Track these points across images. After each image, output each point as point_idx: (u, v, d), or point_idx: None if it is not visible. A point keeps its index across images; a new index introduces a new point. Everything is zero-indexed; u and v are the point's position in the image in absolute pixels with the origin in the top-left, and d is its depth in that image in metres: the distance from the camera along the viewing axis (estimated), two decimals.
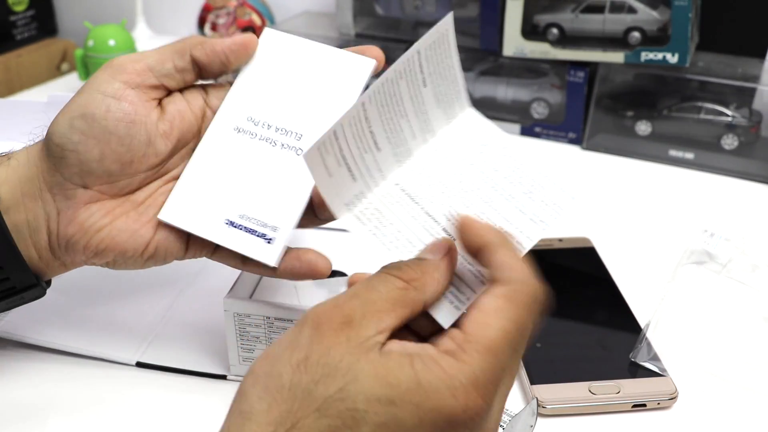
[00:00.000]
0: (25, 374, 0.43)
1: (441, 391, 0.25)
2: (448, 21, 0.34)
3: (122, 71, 0.37)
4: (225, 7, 0.85)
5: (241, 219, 0.37)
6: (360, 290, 0.28)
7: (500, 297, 0.27)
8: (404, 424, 0.25)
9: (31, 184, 0.37)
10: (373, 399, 0.25)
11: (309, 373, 0.26)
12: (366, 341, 0.26)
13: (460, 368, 0.26)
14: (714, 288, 0.51)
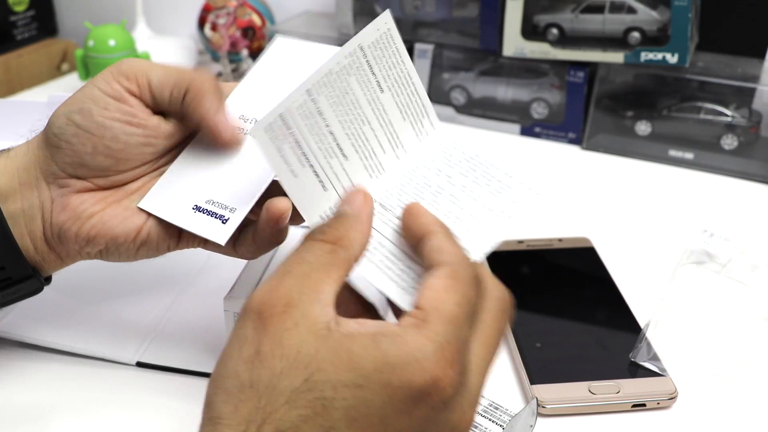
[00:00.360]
0: (25, 374, 0.43)
1: (409, 365, 0.25)
2: (386, 17, 0.34)
3: (126, 77, 0.37)
4: (225, 7, 0.85)
5: (207, 204, 0.38)
6: (291, 265, 0.28)
7: (445, 277, 0.28)
8: (374, 404, 0.25)
9: (28, 173, 0.37)
10: (339, 385, 0.25)
11: (267, 367, 0.25)
12: (316, 325, 0.26)
13: (426, 340, 0.26)
14: (714, 288, 0.51)
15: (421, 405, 0.26)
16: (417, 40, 0.81)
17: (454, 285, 0.28)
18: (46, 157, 0.37)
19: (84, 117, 0.36)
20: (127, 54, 0.81)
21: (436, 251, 0.29)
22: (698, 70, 0.72)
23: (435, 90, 0.82)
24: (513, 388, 0.43)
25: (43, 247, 0.38)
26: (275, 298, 0.27)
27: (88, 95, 0.37)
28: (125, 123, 0.37)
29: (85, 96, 0.37)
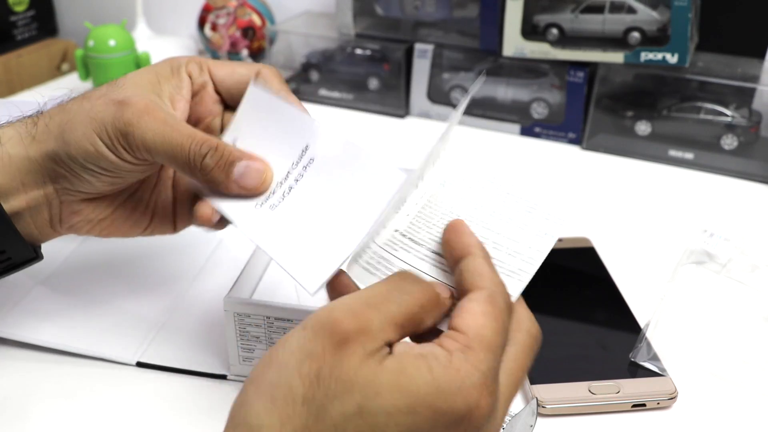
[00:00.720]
0: (25, 374, 0.43)
1: (455, 393, 0.26)
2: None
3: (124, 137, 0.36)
4: (225, 7, 0.85)
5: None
6: (377, 300, 0.28)
7: (483, 302, 0.29)
8: (421, 428, 0.25)
9: (33, 177, 0.37)
10: (394, 411, 0.25)
11: (322, 387, 0.25)
12: (376, 351, 0.26)
13: (472, 368, 0.26)
14: (714, 288, 0.51)
15: (459, 428, 0.26)
16: (417, 40, 0.81)
17: (493, 312, 0.28)
18: (57, 173, 0.37)
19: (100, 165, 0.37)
20: (127, 54, 0.81)
21: (475, 274, 0.30)
22: (698, 70, 0.72)
23: (435, 90, 0.82)
24: None
25: (48, 230, 0.39)
26: (353, 324, 0.26)
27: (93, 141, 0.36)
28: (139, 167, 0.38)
29: (89, 141, 0.36)
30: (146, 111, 0.35)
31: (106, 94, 0.37)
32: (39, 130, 0.37)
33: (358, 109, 0.85)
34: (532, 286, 0.52)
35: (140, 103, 0.35)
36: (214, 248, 0.55)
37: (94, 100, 0.36)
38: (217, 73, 0.40)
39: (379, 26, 0.83)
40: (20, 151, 0.37)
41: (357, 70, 0.84)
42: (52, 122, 0.37)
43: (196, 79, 0.40)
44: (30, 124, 0.38)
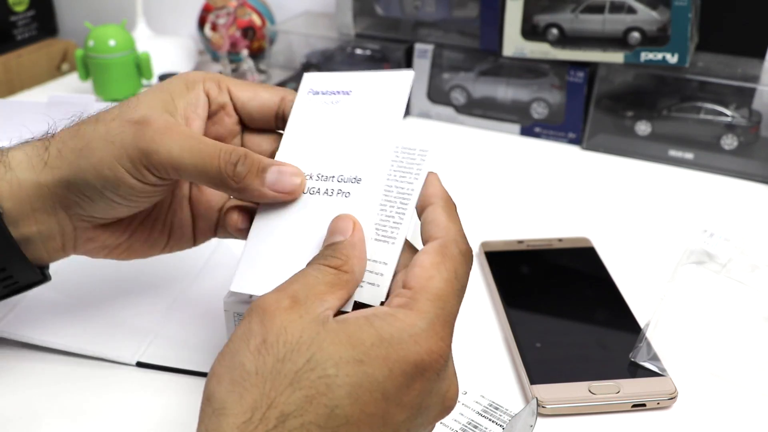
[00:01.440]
0: (25, 374, 0.43)
1: (404, 341, 0.27)
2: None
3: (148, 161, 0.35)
4: (225, 7, 0.85)
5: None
6: (297, 277, 0.29)
7: (433, 253, 0.30)
8: (376, 378, 0.26)
9: (43, 202, 0.36)
10: (341, 362, 0.26)
11: (271, 354, 0.26)
12: (318, 316, 0.28)
13: (417, 317, 0.28)
14: (714, 288, 0.51)
15: (418, 379, 0.27)
16: (417, 40, 0.81)
17: (443, 261, 0.30)
18: (69, 200, 0.36)
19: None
20: (127, 54, 0.81)
21: (432, 225, 0.32)
22: (698, 70, 0.72)
23: (435, 90, 0.82)
24: (513, 388, 0.43)
25: (59, 254, 0.39)
26: (281, 297, 0.28)
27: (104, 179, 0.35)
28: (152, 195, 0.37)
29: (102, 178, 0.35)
30: (167, 128, 0.34)
31: (120, 116, 0.35)
32: (51, 155, 0.36)
33: None
34: (533, 286, 0.52)
35: (159, 121, 0.34)
36: (214, 248, 0.55)
37: (108, 123, 0.35)
38: (238, 95, 0.38)
39: (379, 26, 0.83)
40: (30, 177, 0.35)
41: (357, 70, 0.84)
42: (65, 148, 0.35)
43: (215, 98, 0.38)
44: (41, 149, 0.36)
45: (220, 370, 0.27)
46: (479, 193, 0.67)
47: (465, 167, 0.72)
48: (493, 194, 0.67)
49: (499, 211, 0.64)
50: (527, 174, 0.71)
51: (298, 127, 0.38)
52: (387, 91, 0.37)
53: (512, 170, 0.72)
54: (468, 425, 0.40)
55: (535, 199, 0.66)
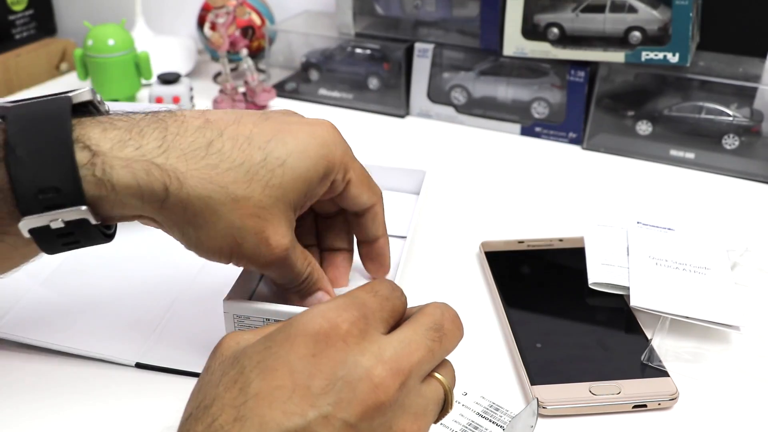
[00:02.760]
0: (25, 374, 0.43)
1: (306, 317, 0.28)
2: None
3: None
4: (224, 6, 0.85)
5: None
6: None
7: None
8: (279, 355, 0.27)
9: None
10: (253, 351, 0.28)
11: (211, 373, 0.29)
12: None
13: (325, 304, 0.29)
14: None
15: (320, 344, 0.27)
16: (417, 39, 0.81)
17: (352, 292, 0.30)
18: (160, 223, 0.37)
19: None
20: (127, 53, 0.81)
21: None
22: (699, 70, 0.72)
23: (435, 90, 0.82)
24: (513, 388, 0.43)
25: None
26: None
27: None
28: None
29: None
30: (284, 260, 0.37)
31: (257, 204, 0.35)
32: (170, 202, 0.34)
33: (358, 109, 0.85)
34: (533, 286, 0.52)
35: (282, 251, 0.36)
36: None
37: (240, 206, 0.34)
38: (350, 191, 0.40)
39: (379, 26, 0.83)
40: (137, 204, 0.34)
41: (357, 70, 0.84)
42: (190, 203, 0.34)
43: (335, 188, 0.39)
44: (158, 183, 0.33)
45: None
46: (479, 193, 0.67)
47: (465, 167, 0.72)
48: (493, 194, 0.67)
49: (499, 211, 0.64)
50: (527, 174, 0.71)
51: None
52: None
53: (512, 170, 0.72)
54: (468, 426, 0.40)
55: (536, 199, 0.66)
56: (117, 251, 0.54)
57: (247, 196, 0.34)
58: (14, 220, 0.33)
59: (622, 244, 0.53)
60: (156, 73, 0.84)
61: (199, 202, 0.33)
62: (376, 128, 0.81)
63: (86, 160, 0.32)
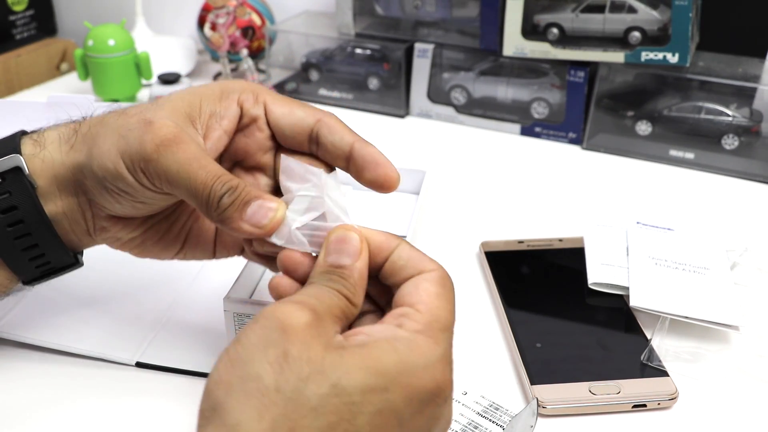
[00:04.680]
0: (25, 374, 0.43)
1: (422, 370, 0.27)
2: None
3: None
4: (225, 6, 0.85)
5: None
6: (312, 292, 0.30)
7: (436, 282, 0.31)
8: (397, 406, 0.26)
9: (67, 184, 0.37)
10: (367, 390, 0.26)
11: (294, 371, 0.25)
12: (333, 339, 0.28)
13: (434, 346, 0.28)
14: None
15: (431, 404, 0.28)
16: (417, 40, 0.81)
17: (445, 294, 0.31)
18: (84, 185, 0.36)
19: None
20: (127, 53, 0.81)
21: (415, 259, 0.32)
22: (699, 70, 0.72)
23: (435, 90, 0.82)
24: (513, 388, 0.43)
25: (87, 239, 0.39)
26: (303, 311, 0.28)
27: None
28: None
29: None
30: (174, 141, 0.33)
31: (142, 111, 0.35)
32: (77, 138, 0.36)
33: (358, 109, 0.85)
34: (533, 286, 0.52)
35: (168, 130, 0.34)
36: None
37: (128, 116, 0.35)
38: (273, 110, 0.37)
39: (379, 26, 0.83)
40: (58, 157, 0.36)
41: (357, 70, 0.84)
42: (89, 133, 0.36)
43: (248, 110, 0.37)
44: (71, 131, 0.37)
45: (229, 379, 0.26)
46: (479, 193, 0.67)
47: (465, 167, 0.72)
48: (493, 194, 0.67)
49: (499, 211, 0.64)
50: (527, 174, 0.71)
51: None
52: None
53: (512, 170, 0.72)
54: (468, 426, 0.40)
55: (536, 199, 0.66)
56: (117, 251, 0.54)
57: (133, 108, 0.36)
58: None
59: (622, 244, 0.53)
60: (156, 74, 0.84)
61: (95, 126, 0.36)
62: (376, 128, 0.81)
63: (29, 135, 0.38)
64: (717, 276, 0.49)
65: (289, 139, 0.37)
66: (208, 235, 0.41)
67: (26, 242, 0.37)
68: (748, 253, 0.55)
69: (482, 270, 0.54)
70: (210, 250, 0.41)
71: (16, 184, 0.36)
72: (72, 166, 0.36)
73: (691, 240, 0.53)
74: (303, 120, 0.37)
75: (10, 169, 0.36)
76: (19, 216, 0.36)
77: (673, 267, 0.50)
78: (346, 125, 0.37)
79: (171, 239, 0.40)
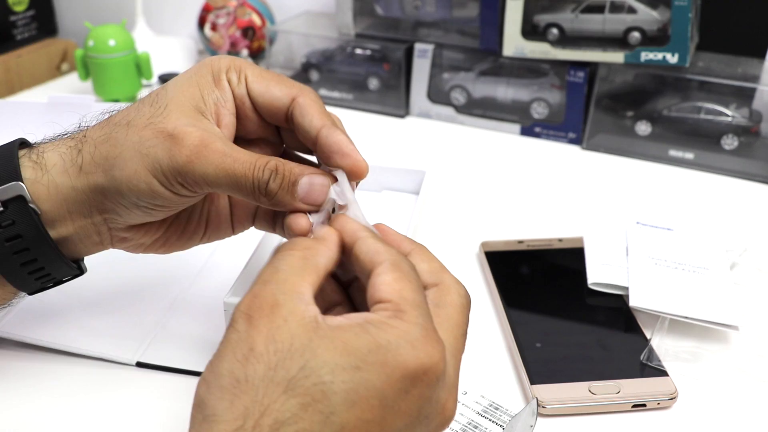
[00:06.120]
0: (25, 374, 0.43)
1: (401, 346, 0.26)
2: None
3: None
4: (225, 7, 0.85)
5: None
6: (267, 275, 0.29)
7: (390, 271, 0.29)
8: (373, 385, 0.26)
9: (80, 206, 0.36)
10: (337, 369, 0.26)
11: (262, 362, 0.26)
12: (304, 319, 0.27)
13: (409, 325, 0.27)
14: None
15: (417, 384, 0.27)
16: (417, 40, 0.81)
17: (402, 276, 0.29)
18: (105, 206, 0.36)
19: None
20: (127, 54, 0.81)
21: (369, 253, 0.31)
22: (698, 70, 0.72)
23: (435, 90, 0.82)
24: (513, 388, 0.43)
25: (96, 249, 0.39)
26: (261, 302, 0.27)
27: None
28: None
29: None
30: (202, 145, 0.33)
31: (152, 123, 0.34)
32: (84, 160, 0.35)
33: (358, 109, 0.85)
34: (533, 286, 0.52)
35: (194, 137, 0.34)
36: (214, 249, 0.55)
37: (140, 131, 0.34)
38: (252, 88, 0.37)
39: (379, 26, 0.83)
40: (66, 181, 0.35)
41: (357, 70, 0.84)
42: (97, 153, 0.35)
43: (236, 91, 0.37)
44: (74, 151, 0.36)
45: (208, 377, 0.27)
46: (479, 193, 0.67)
47: (465, 167, 0.72)
48: (493, 194, 0.67)
49: (499, 211, 0.64)
50: (527, 174, 0.71)
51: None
52: None
53: (512, 170, 0.72)
54: (468, 425, 0.40)
55: (535, 199, 0.66)
56: (117, 251, 0.54)
57: (137, 117, 0.35)
58: None
59: (622, 244, 0.53)
60: (156, 74, 0.84)
61: (102, 145, 0.35)
62: (376, 128, 0.81)
63: (24, 154, 0.36)
64: (716, 276, 0.49)
65: (268, 117, 0.38)
66: (225, 214, 0.41)
67: (25, 257, 0.36)
68: (747, 253, 0.55)
69: (482, 270, 0.54)
70: (229, 227, 0.41)
71: (19, 212, 0.35)
72: (86, 190, 0.35)
73: (691, 240, 0.53)
74: (279, 100, 0.37)
75: (12, 198, 0.35)
76: (24, 245, 0.35)
77: (673, 267, 0.50)
78: (319, 106, 0.37)
79: (192, 229, 0.40)
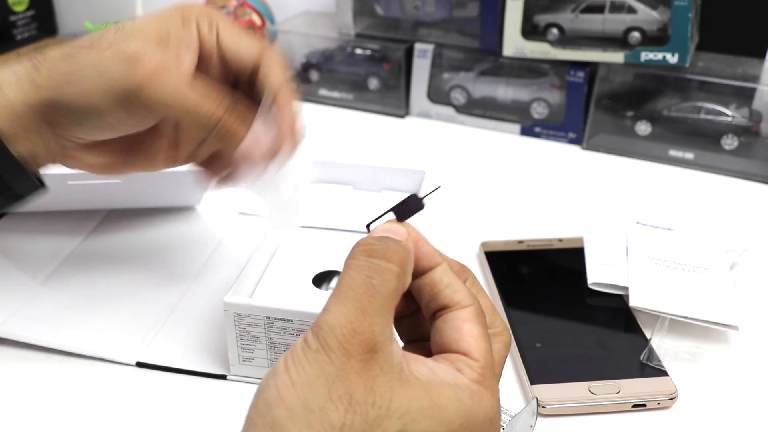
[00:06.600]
0: (25, 374, 0.43)
1: (485, 423, 0.28)
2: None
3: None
4: (225, 6, 0.85)
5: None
6: (365, 300, 0.27)
7: (475, 322, 0.30)
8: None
9: (34, 123, 0.36)
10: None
11: (359, 413, 0.25)
12: (394, 368, 0.27)
13: (492, 398, 0.29)
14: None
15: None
16: (417, 40, 0.81)
17: (485, 332, 0.30)
18: (57, 121, 0.36)
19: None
20: None
21: (451, 288, 0.30)
22: (698, 70, 0.72)
23: (435, 90, 0.82)
24: (513, 388, 0.43)
25: (44, 168, 0.38)
26: (360, 341, 0.26)
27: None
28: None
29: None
30: (160, 70, 0.34)
31: (114, 45, 0.35)
32: (41, 75, 0.35)
33: (358, 109, 0.85)
34: (533, 286, 0.52)
35: (152, 61, 0.34)
36: (214, 248, 0.55)
37: (102, 51, 0.35)
38: (223, 40, 0.38)
39: (379, 26, 0.83)
40: (21, 97, 0.35)
41: (357, 70, 0.84)
42: (56, 70, 0.35)
43: (205, 38, 0.37)
44: (30, 68, 0.35)
45: (292, 403, 0.25)
46: (479, 193, 0.67)
47: (465, 167, 0.72)
48: (493, 194, 0.67)
49: (499, 211, 0.64)
50: (527, 174, 0.71)
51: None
52: None
53: (512, 170, 0.72)
54: None
55: (535, 199, 0.66)
56: (117, 251, 0.54)
57: (100, 41, 0.35)
58: None
59: (622, 244, 0.53)
60: None
61: (61, 62, 0.35)
62: (376, 128, 0.81)
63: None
64: (716, 276, 0.49)
65: (233, 71, 0.39)
66: (163, 144, 0.40)
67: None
68: (747, 253, 0.55)
69: (482, 270, 0.54)
70: (169, 157, 0.41)
71: None
72: (39, 105, 0.35)
73: (691, 240, 0.53)
74: (245, 58, 0.38)
75: None
76: None
77: (673, 267, 0.50)
78: (279, 70, 0.38)
79: (135, 154, 0.40)
